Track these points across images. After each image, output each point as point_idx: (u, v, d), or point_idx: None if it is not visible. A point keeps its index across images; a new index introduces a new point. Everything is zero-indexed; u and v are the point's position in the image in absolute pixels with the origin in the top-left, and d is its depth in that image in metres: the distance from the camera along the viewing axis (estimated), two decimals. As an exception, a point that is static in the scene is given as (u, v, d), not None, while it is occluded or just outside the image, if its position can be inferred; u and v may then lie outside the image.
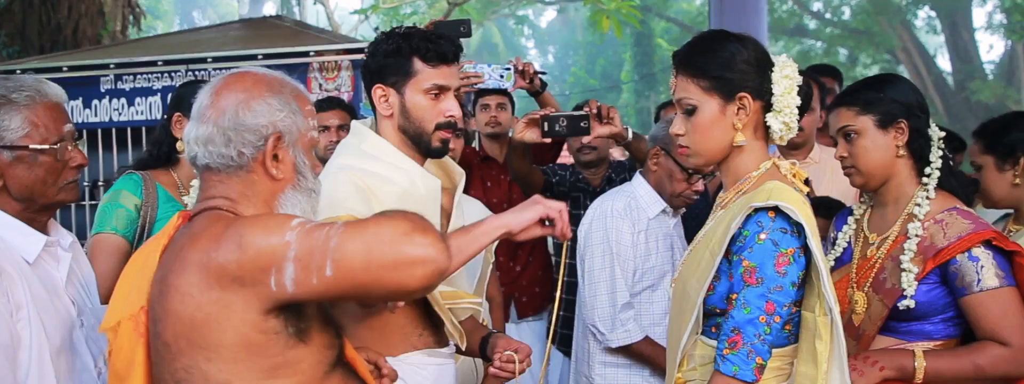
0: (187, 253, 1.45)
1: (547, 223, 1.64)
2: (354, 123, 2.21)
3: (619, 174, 3.69)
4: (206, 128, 1.54)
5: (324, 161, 2.04)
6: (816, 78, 3.29)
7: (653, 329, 2.78)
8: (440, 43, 2.07)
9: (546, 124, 2.55)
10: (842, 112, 2.13)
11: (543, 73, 3.13)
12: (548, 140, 2.69)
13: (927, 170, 2.10)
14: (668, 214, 2.90)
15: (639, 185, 2.90)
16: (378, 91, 2.09)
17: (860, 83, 2.22)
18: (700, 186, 2.80)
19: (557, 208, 1.64)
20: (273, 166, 1.55)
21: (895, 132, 2.09)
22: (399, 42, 2.06)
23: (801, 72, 1.82)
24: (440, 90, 2.07)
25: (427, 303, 2.03)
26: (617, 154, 4.98)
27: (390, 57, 2.06)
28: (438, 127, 2.08)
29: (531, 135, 2.64)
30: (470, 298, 2.11)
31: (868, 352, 2.02)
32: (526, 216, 1.60)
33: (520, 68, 3.00)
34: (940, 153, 2.10)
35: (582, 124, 2.56)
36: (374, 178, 1.99)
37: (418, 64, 2.05)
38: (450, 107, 2.08)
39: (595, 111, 2.71)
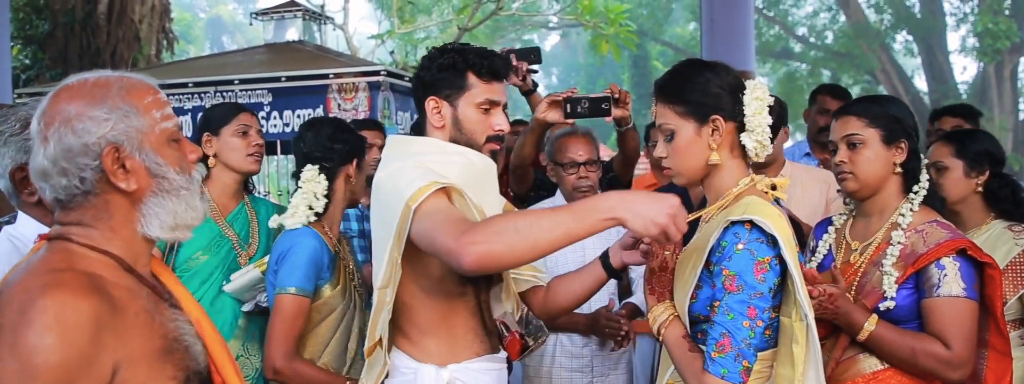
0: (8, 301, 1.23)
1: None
2: (390, 136, 2.15)
3: (605, 174, 3.61)
4: (38, 161, 1.32)
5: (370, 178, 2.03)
6: (779, 99, 3.33)
7: None
8: (494, 60, 2.02)
9: (569, 105, 2.48)
10: (851, 121, 2.11)
11: (535, 71, 3.04)
12: (570, 121, 2.60)
13: (915, 188, 2.11)
14: None
15: (559, 200, 3.11)
16: (431, 103, 2.02)
17: (869, 98, 2.23)
18: (583, 172, 3.00)
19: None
20: (122, 179, 1.33)
21: (896, 150, 2.09)
22: (454, 57, 2.00)
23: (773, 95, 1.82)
24: (491, 105, 2.02)
25: (483, 311, 2.03)
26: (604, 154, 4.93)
27: (445, 71, 2.00)
28: (488, 140, 2.03)
29: (553, 115, 2.57)
30: (531, 270, 2.10)
31: (838, 295, 1.98)
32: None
33: (513, 64, 2.89)
34: (928, 175, 2.12)
35: (604, 106, 2.47)
36: (432, 162, 1.93)
37: (472, 79, 1.99)
38: (500, 122, 2.03)
39: (617, 95, 2.63)
